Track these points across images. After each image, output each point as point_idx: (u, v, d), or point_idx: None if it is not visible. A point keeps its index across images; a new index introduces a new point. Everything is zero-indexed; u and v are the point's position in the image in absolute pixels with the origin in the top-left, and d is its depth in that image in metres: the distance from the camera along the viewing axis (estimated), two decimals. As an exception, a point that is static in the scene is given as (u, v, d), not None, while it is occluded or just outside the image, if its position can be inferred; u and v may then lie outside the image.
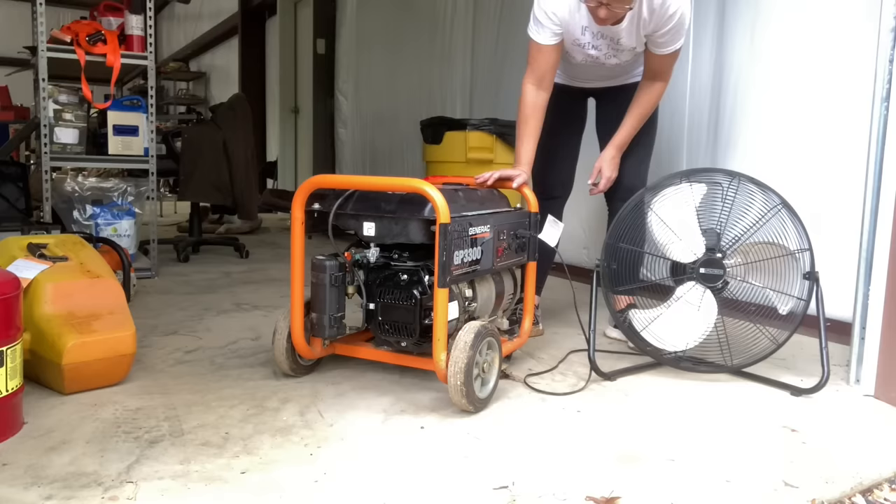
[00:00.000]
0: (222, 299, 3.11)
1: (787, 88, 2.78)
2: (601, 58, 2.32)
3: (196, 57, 10.72)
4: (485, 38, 4.58)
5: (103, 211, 3.57)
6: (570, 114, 2.58)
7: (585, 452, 1.58)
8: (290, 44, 8.02)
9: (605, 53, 2.30)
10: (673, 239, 2.11)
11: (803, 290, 2.04)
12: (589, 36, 2.24)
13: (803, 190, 2.57)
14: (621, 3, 2.04)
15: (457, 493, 1.38)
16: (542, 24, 2.21)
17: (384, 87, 5.99)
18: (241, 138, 4.36)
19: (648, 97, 2.36)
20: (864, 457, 1.60)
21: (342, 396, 1.89)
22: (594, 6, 2.05)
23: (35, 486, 1.35)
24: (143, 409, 1.76)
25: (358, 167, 6.45)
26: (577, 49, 2.31)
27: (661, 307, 2.15)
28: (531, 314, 2.22)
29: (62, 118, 3.34)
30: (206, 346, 2.35)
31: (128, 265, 2.93)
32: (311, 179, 1.89)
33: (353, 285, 1.92)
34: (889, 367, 1.98)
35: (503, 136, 3.44)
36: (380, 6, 6.06)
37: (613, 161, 2.38)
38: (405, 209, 1.81)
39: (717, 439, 1.68)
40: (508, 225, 2.04)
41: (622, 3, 2.04)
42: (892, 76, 1.97)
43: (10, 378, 1.56)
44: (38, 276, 1.88)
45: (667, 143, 3.16)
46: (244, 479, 1.41)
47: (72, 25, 3.42)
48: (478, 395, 1.78)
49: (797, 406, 1.93)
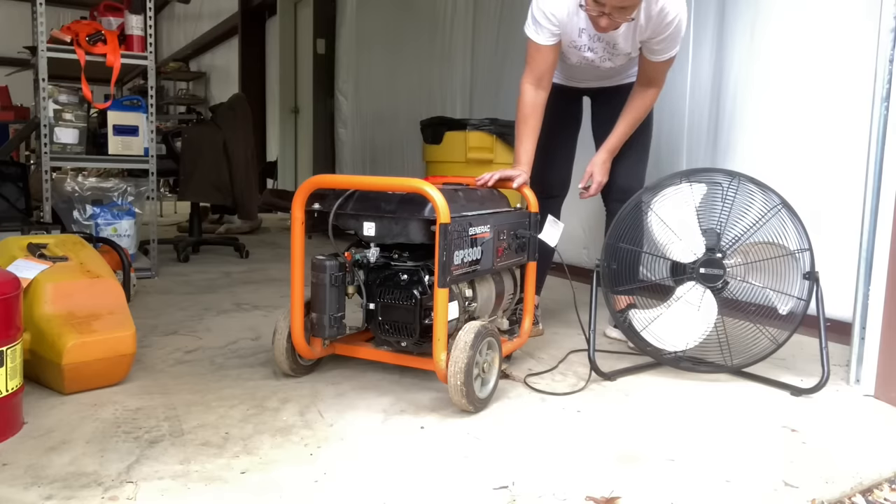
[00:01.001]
0: (222, 299, 3.11)
1: (787, 88, 2.78)
2: (596, 60, 2.32)
3: (196, 57, 10.72)
4: (485, 38, 4.58)
5: (103, 211, 3.57)
6: (567, 113, 2.58)
7: (585, 452, 1.58)
8: (290, 44, 8.02)
9: (601, 56, 2.30)
10: (673, 239, 2.11)
11: (803, 290, 2.04)
12: (586, 38, 2.24)
13: (803, 190, 2.58)
14: (623, 14, 2.03)
15: (457, 493, 1.38)
16: (540, 24, 2.20)
17: (384, 87, 5.99)
18: (241, 138, 4.36)
19: (641, 102, 2.36)
20: (864, 457, 1.60)
21: (342, 396, 1.89)
22: (596, 15, 2.05)
23: (35, 486, 1.35)
24: (143, 409, 1.76)
25: (358, 167, 6.45)
26: (573, 51, 2.31)
27: (660, 307, 2.15)
28: (531, 314, 2.22)
29: (62, 118, 3.34)
30: (206, 346, 2.35)
31: (128, 265, 2.93)
32: (311, 179, 1.89)
33: (353, 285, 1.92)
34: (889, 367, 1.98)
35: (503, 136, 3.44)
36: (380, 6, 6.06)
37: (605, 165, 2.39)
38: (405, 209, 1.81)
39: (717, 439, 1.68)
40: (508, 225, 2.04)
41: (624, 13, 2.03)
42: (892, 76, 1.97)
43: (10, 378, 1.56)
44: (38, 276, 1.88)
45: (667, 143, 3.16)
46: (244, 479, 1.41)
47: (72, 25, 3.42)
48: (478, 395, 1.78)
49: (797, 406, 1.93)
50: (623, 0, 1.97)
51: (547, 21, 2.19)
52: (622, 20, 2.06)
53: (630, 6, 2.00)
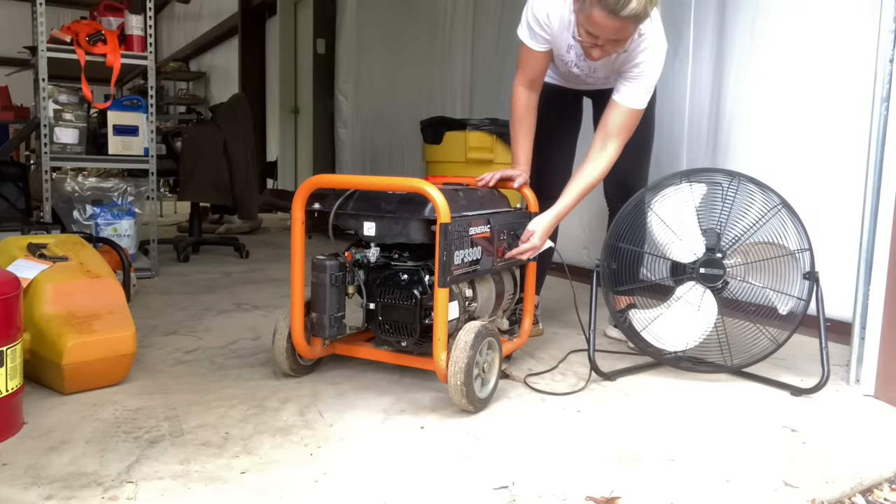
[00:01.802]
0: (222, 299, 3.11)
1: (787, 87, 2.78)
2: (581, 76, 2.32)
3: (196, 57, 10.72)
4: (485, 38, 4.58)
5: (103, 211, 3.57)
6: (566, 114, 2.57)
7: (585, 452, 1.58)
8: (290, 44, 8.02)
9: (586, 73, 2.30)
10: (673, 239, 2.11)
11: (803, 290, 2.04)
12: (573, 55, 2.24)
13: (803, 190, 2.58)
14: (616, 46, 2.00)
15: (457, 493, 1.38)
16: (534, 30, 2.20)
17: (384, 86, 5.99)
18: (241, 138, 4.35)
19: (595, 166, 2.14)
20: (864, 457, 1.60)
21: (342, 396, 1.89)
22: (588, 46, 2.01)
23: (35, 486, 1.35)
24: (143, 409, 1.76)
25: (358, 167, 6.45)
26: (562, 63, 2.31)
27: (661, 307, 2.15)
28: (531, 314, 2.22)
29: (62, 118, 3.34)
30: (206, 346, 2.35)
31: (128, 265, 2.93)
32: (312, 179, 1.89)
33: (353, 285, 1.92)
34: (889, 367, 1.98)
35: (503, 136, 3.43)
36: (380, 6, 6.06)
37: (547, 232, 2.12)
38: (405, 209, 1.81)
39: (717, 439, 1.68)
40: (508, 225, 2.04)
41: (617, 46, 2.00)
42: (892, 76, 1.97)
43: (10, 378, 1.56)
44: (38, 276, 1.88)
45: (667, 143, 3.16)
46: (244, 479, 1.41)
47: (72, 25, 3.42)
48: (478, 395, 1.78)
49: (797, 406, 1.93)
50: (617, 33, 1.93)
51: (541, 28, 2.18)
52: (614, 51, 2.04)
53: (623, 38, 1.97)
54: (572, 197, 2.14)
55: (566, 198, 2.14)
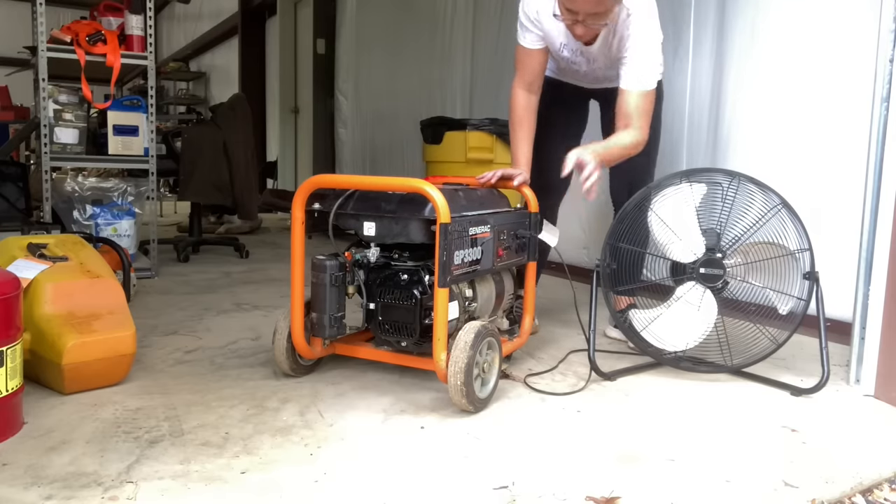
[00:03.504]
0: (222, 299, 3.11)
1: (787, 87, 2.78)
2: (582, 71, 2.32)
3: (196, 57, 10.72)
4: (485, 38, 4.58)
5: (103, 211, 3.57)
6: (567, 110, 2.56)
7: (585, 452, 1.58)
8: (290, 44, 8.02)
9: (585, 71, 2.30)
10: (673, 239, 2.11)
11: (803, 290, 2.04)
12: (567, 52, 2.24)
13: (803, 190, 2.57)
14: (597, 20, 2.01)
15: (457, 493, 1.38)
16: (526, 27, 2.21)
17: (384, 86, 5.99)
18: (241, 138, 4.35)
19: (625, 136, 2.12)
20: (864, 457, 1.60)
21: (342, 396, 1.89)
22: (570, 24, 2.03)
23: (35, 486, 1.35)
24: (143, 409, 1.76)
25: (358, 167, 6.45)
26: (560, 59, 2.31)
27: (661, 307, 2.15)
28: (531, 314, 2.22)
29: (62, 118, 3.33)
30: (206, 346, 2.35)
31: (128, 265, 2.93)
32: (312, 179, 1.89)
33: (353, 285, 1.92)
34: (889, 367, 1.98)
35: (503, 136, 3.43)
36: (380, 6, 6.06)
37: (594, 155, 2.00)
38: (405, 209, 1.81)
39: (717, 439, 1.68)
40: (509, 225, 2.04)
41: (598, 19, 2.00)
42: (892, 76, 1.97)
43: (10, 378, 1.56)
44: (38, 276, 1.88)
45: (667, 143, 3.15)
46: (244, 479, 1.41)
47: (72, 25, 3.42)
48: (478, 395, 1.78)
49: (797, 406, 1.93)
50: (595, 6, 1.93)
51: (531, 24, 2.18)
52: (597, 27, 2.04)
53: (602, 11, 1.97)
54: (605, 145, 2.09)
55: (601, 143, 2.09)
